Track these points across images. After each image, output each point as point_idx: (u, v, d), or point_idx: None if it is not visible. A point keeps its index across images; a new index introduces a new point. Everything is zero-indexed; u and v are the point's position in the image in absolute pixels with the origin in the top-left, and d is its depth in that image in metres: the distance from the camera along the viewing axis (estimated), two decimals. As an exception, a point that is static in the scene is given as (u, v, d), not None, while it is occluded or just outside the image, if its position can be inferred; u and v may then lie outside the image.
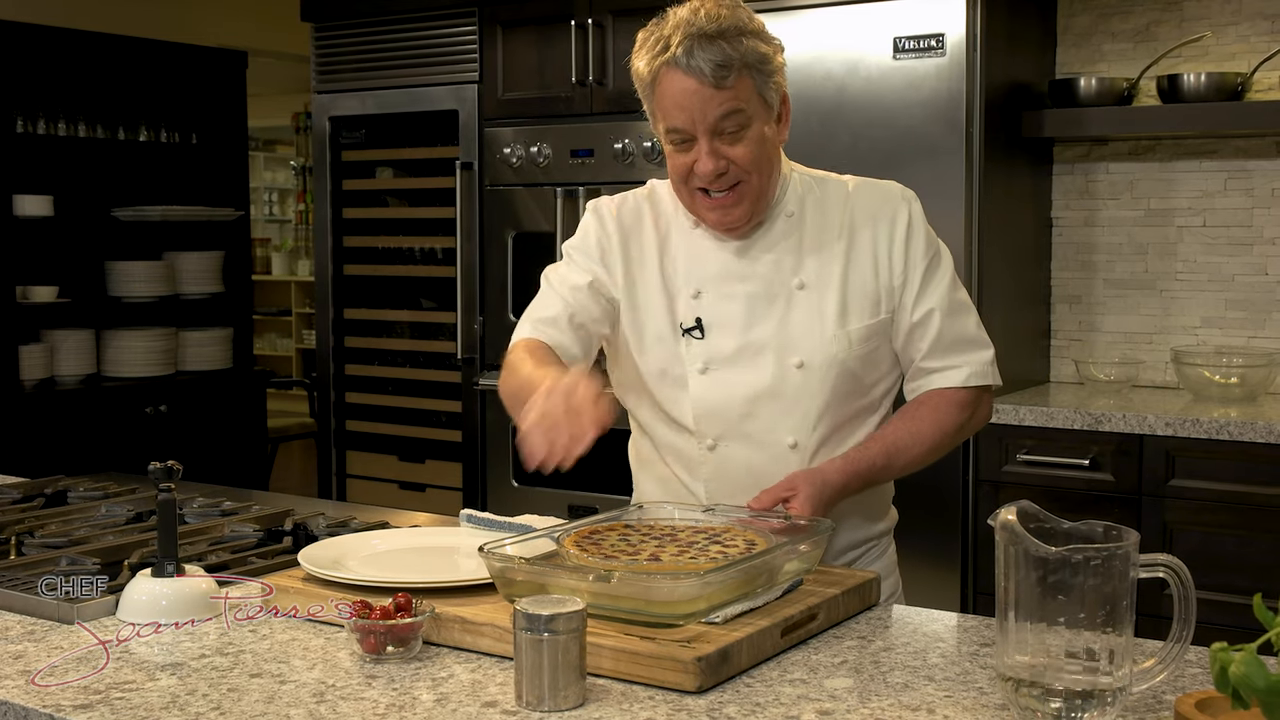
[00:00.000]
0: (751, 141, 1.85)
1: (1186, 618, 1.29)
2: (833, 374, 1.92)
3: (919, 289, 1.94)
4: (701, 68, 1.80)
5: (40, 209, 5.12)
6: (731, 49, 1.81)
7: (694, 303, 1.95)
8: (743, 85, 1.82)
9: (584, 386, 1.58)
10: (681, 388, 1.95)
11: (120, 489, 2.37)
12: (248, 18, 6.45)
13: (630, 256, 1.99)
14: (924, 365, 1.97)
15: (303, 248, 10.09)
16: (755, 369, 1.93)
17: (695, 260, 1.96)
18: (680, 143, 1.87)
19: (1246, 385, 3.49)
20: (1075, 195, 3.91)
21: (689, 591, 1.47)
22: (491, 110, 4.23)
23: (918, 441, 1.94)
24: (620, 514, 1.83)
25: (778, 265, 1.94)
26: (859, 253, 1.94)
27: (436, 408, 4.46)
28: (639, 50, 1.90)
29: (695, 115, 1.83)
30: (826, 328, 1.91)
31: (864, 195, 1.98)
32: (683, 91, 1.82)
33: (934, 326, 1.94)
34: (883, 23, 3.49)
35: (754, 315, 1.93)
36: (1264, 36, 3.62)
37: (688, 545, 1.66)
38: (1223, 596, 2.83)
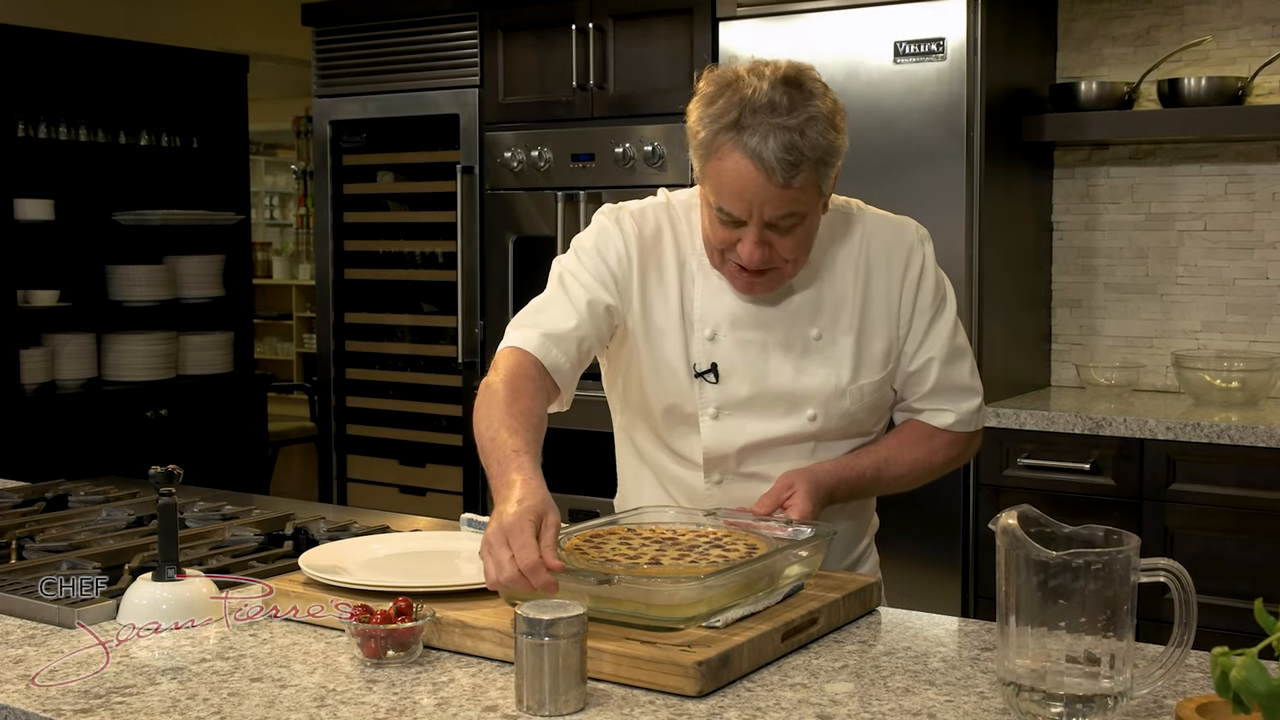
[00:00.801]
0: (801, 234, 1.80)
1: (1187, 622, 1.29)
2: (843, 424, 1.92)
3: (922, 338, 1.94)
4: (772, 164, 1.70)
5: (41, 213, 5.12)
6: (805, 143, 1.71)
7: (709, 345, 1.90)
8: (807, 182, 1.74)
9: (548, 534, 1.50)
10: (691, 427, 1.93)
11: (121, 493, 2.37)
12: (248, 22, 6.45)
13: (648, 284, 1.92)
14: (914, 405, 1.99)
15: (303, 252, 10.09)
16: (768, 419, 1.91)
17: (711, 298, 1.91)
18: (728, 221, 1.79)
19: (1247, 389, 3.49)
20: (1076, 199, 3.91)
21: (689, 595, 1.47)
22: (492, 114, 4.23)
23: (907, 464, 1.97)
24: (620, 518, 1.83)
25: (795, 314, 1.90)
26: (873, 301, 1.92)
27: (437, 412, 4.46)
28: (700, 104, 1.78)
29: (753, 208, 1.74)
30: (840, 382, 1.90)
31: (879, 234, 1.94)
32: (746, 180, 1.73)
33: (932, 376, 1.95)
34: (883, 27, 3.49)
35: (769, 364, 1.90)
36: (1264, 41, 3.62)
37: (688, 549, 1.65)
38: (1224, 601, 2.83)
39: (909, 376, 1.95)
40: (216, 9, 6.28)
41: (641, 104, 3.95)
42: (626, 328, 1.92)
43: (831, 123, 1.75)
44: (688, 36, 3.86)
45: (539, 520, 1.51)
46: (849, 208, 1.96)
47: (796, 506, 1.80)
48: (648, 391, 1.95)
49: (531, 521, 1.50)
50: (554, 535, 1.51)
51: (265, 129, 10.06)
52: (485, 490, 4.28)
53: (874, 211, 1.99)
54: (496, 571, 1.48)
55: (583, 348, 1.87)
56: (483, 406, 1.76)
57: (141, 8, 5.91)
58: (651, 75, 3.95)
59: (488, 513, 1.65)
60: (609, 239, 1.92)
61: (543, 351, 1.84)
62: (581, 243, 1.95)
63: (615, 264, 1.90)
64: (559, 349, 1.84)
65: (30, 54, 5.15)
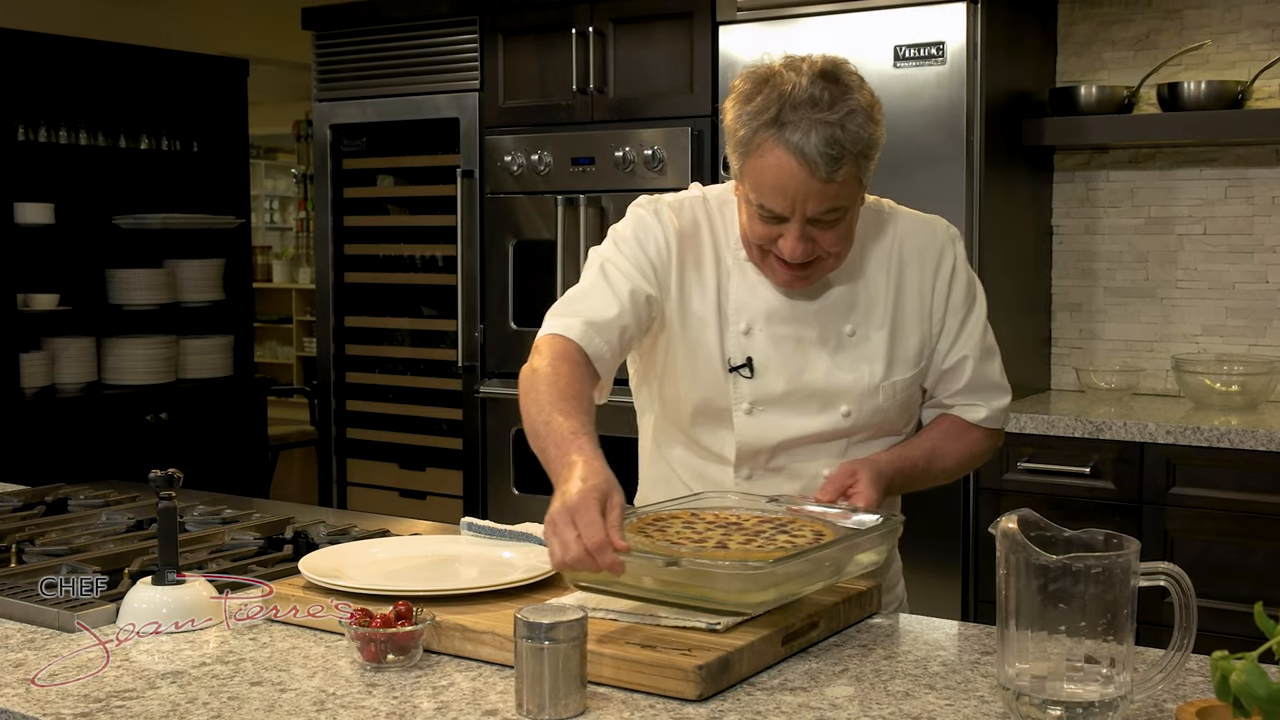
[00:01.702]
0: (843, 228, 1.79)
1: (1187, 626, 1.29)
2: (875, 420, 1.92)
3: (955, 336, 1.94)
4: (815, 158, 1.69)
5: (41, 217, 5.12)
6: (846, 136, 1.70)
7: (744, 339, 1.89)
8: (849, 176, 1.73)
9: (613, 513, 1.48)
10: (723, 422, 1.91)
11: (121, 497, 2.37)
12: (249, 26, 6.45)
13: (686, 276, 1.90)
14: (946, 401, 1.99)
15: (304, 255, 10.09)
16: (802, 414, 1.90)
17: (747, 292, 1.90)
18: (769, 218, 1.77)
19: (1247, 393, 3.49)
20: (1076, 203, 3.92)
21: (761, 580, 1.45)
22: (492, 118, 4.23)
23: (954, 456, 1.97)
24: (681, 502, 1.81)
25: (829, 308, 1.90)
26: (906, 298, 1.92)
27: (437, 415, 4.46)
28: (738, 101, 1.77)
29: (796, 204, 1.73)
30: (874, 379, 1.90)
31: (911, 233, 1.94)
32: (788, 176, 1.71)
33: (966, 374, 1.95)
34: (883, 31, 3.50)
35: (804, 359, 1.89)
36: (1264, 45, 3.62)
37: (754, 534, 1.62)
38: (1224, 605, 2.83)
39: (943, 374, 1.95)
40: (217, 13, 6.28)
41: (641, 108, 3.96)
42: (664, 320, 1.90)
43: (870, 115, 1.74)
44: (688, 40, 3.86)
45: (604, 499, 1.49)
46: (880, 206, 1.96)
47: (861, 494, 1.78)
48: (680, 386, 1.93)
49: (597, 500, 1.48)
50: (620, 515, 1.49)
51: (265, 133, 10.06)
52: (485, 494, 4.28)
53: (904, 210, 1.99)
54: (562, 551, 1.46)
55: (624, 337, 1.85)
56: (530, 392, 1.75)
57: (142, 11, 5.91)
58: (651, 79, 3.95)
59: (488, 516, 1.64)
60: (648, 230, 1.91)
61: (585, 339, 1.81)
62: (620, 233, 1.93)
63: (655, 255, 1.89)
64: (601, 337, 1.82)
65: (30, 58, 5.16)
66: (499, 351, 4.24)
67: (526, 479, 4.18)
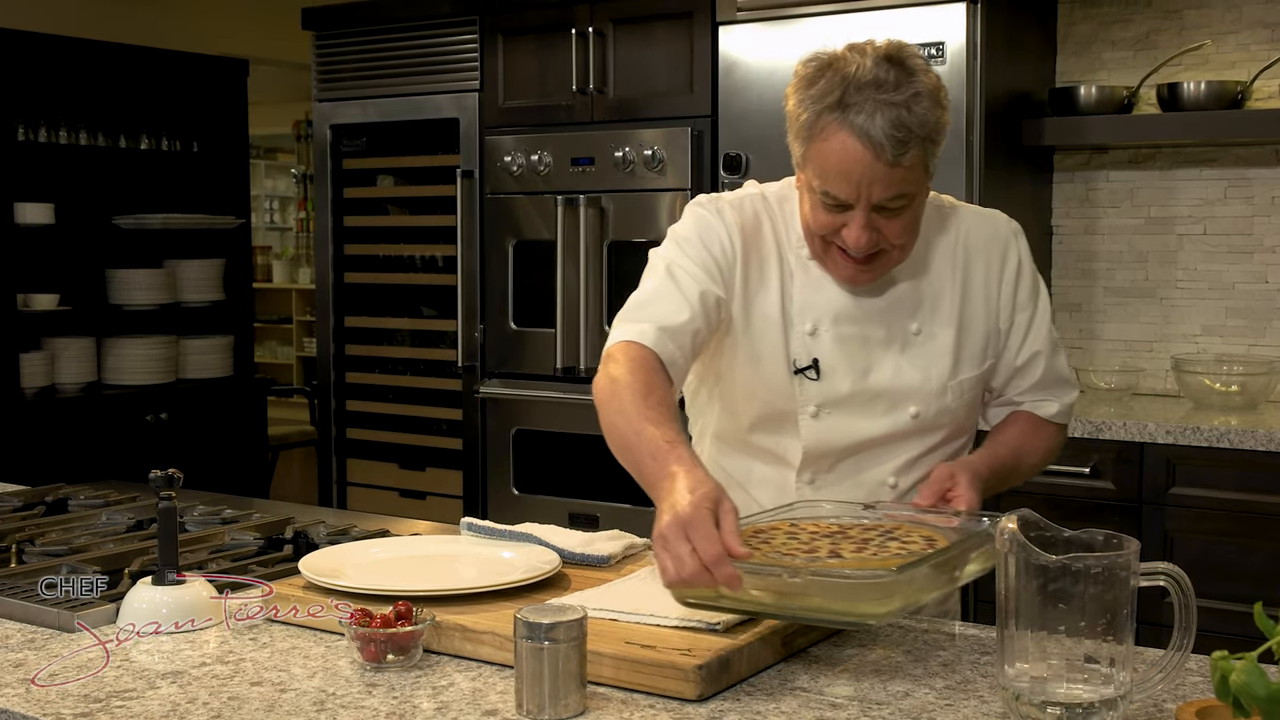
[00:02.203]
0: (909, 217, 1.75)
1: (1187, 626, 1.29)
2: (943, 421, 1.89)
3: (1025, 331, 1.91)
4: (881, 140, 1.64)
5: (41, 217, 5.12)
6: (913, 119, 1.65)
7: (809, 340, 1.84)
8: (915, 161, 1.68)
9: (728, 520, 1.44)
10: (786, 425, 1.87)
11: (121, 497, 2.37)
12: (249, 26, 6.45)
13: (750, 276, 1.85)
14: (1016, 398, 1.96)
15: (303, 255, 10.09)
16: (869, 416, 1.86)
17: (811, 292, 1.85)
18: (833, 205, 1.73)
19: (1247, 393, 3.49)
20: (1075, 203, 3.92)
21: (887, 589, 1.40)
22: (492, 118, 4.23)
23: (1038, 454, 1.95)
24: (778, 513, 1.74)
25: (895, 306, 1.86)
26: (972, 295, 1.88)
27: (437, 415, 4.46)
28: (800, 86, 1.72)
29: (861, 189, 1.69)
30: (941, 378, 1.86)
31: (976, 228, 1.91)
32: (853, 160, 1.67)
33: (1039, 369, 1.92)
34: (883, 31, 3.45)
35: (870, 359, 1.85)
36: (1264, 45, 3.63)
37: (862, 542, 1.56)
38: (1223, 605, 2.83)
39: (1015, 371, 1.92)
40: (217, 13, 6.28)
41: (641, 108, 3.96)
42: (730, 319, 1.85)
43: (937, 99, 1.70)
44: (688, 41, 3.86)
45: (715, 508, 1.44)
46: (940, 201, 1.92)
47: (962, 497, 1.73)
48: (742, 389, 1.88)
49: (709, 511, 1.43)
50: (735, 520, 1.44)
51: (265, 133, 10.06)
52: (485, 494, 4.28)
53: (965, 205, 1.95)
54: (676, 567, 1.41)
55: (696, 341, 1.80)
56: (613, 402, 1.69)
57: (141, 12, 5.91)
58: (651, 79, 3.95)
59: (488, 516, 1.63)
60: (711, 229, 1.85)
61: (660, 345, 1.75)
62: (682, 233, 1.88)
63: (720, 255, 1.83)
64: (674, 343, 1.76)
65: (30, 58, 5.16)
66: (499, 352, 4.24)
67: (526, 479, 4.18)
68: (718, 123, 3.80)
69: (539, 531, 1.93)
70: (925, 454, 1.90)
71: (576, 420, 4.03)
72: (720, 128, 3.79)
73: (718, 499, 1.45)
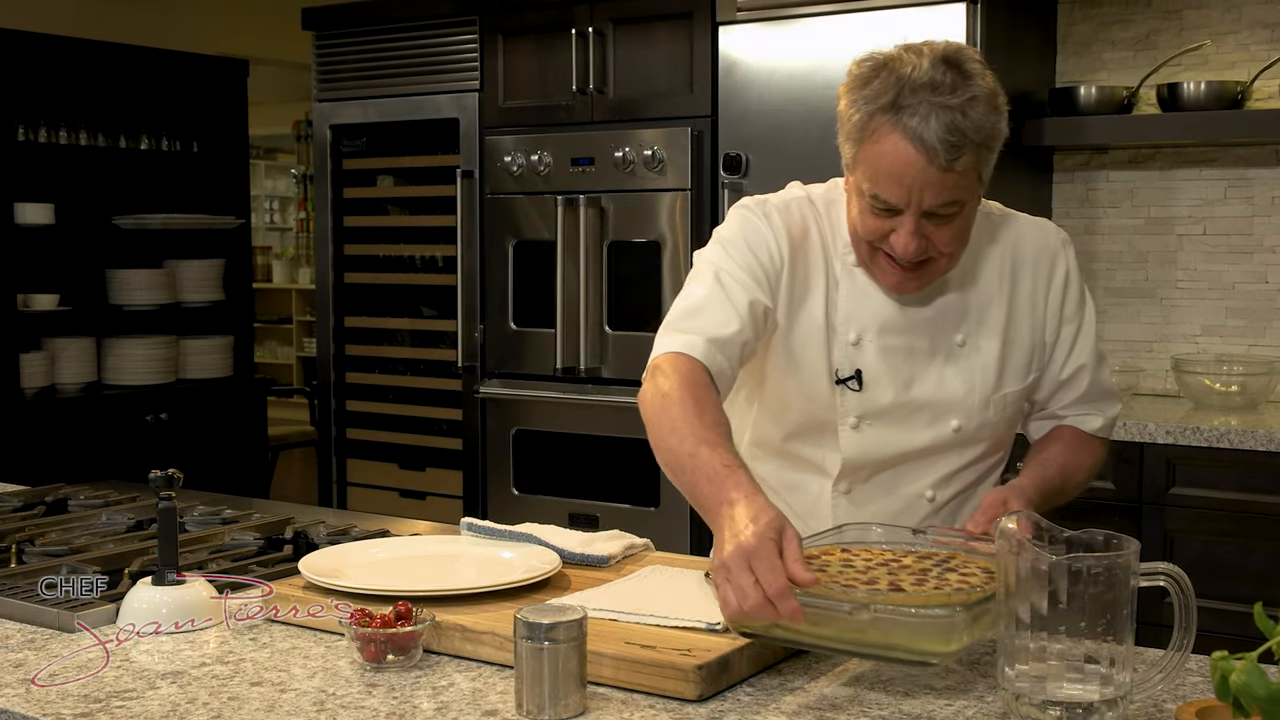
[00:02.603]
0: (959, 224, 1.70)
1: (1187, 626, 1.29)
2: (984, 435, 1.86)
3: (1071, 344, 1.87)
4: (934, 145, 1.60)
5: (41, 217, 5.12)
6: (968, 123, 1.61)
7: (853, 350, 1.80)
8: (969, 167, 1.64)
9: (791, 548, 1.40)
10: (825, 435, 1.84)
11: (121, 497, 2.37)
12: (249, 26, 6.45)
13: (796, 284, 1.81)
14: (1060, 412, 1.93)
15: (303, 256, 10.09)
16: (910, 428, 1.83)
17: (856, 300, 1.81)
18: (882, 210, 1.68)
19: (1247, 393, 3.49)
20: (1075, 203, 3.92)
21: (958, 627, 1.35)
22: (492, 118, 4.23)
23: (1084, 471, 1.90)
24: (825, 537, 1.68)
25: (941, 317, 1.82)
26: (1019, 306, 1.84)
27: (437, 416, 4.46)
28: (853, 86, 1.68)
29: (912, 194, 1.64)
30: (984, 391, 1.83)
31: (1025, 238, 1.87)
32: (905, 164, 1.62)
33: (1084, 383, 1.89)
34: (884, 31, 3.49)
35: (914, 371, 1.81)
36: (1263, 45, 3.63)
37: (921, 573, 1.52)
38: (1223, 605, 2.83)
39: (1060, 384, 1.89)
40: (216, 13, 6.28)
41: (641, 108, 3.96)
42: (775, 326, 1.81)
43: (994, 104, 1.66)
44: (687, 41, 3.86)
45: (779, 537, 1.40)
46: (989, 208, 1.87)
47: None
48: (781, 396, 1.85)
49: (773, 540, 1.39)
50: (799, 547, 1.40)
51: (265, 133, 10.06)
52: (485, 494, 4.28)
53: (1015, 213, 1.91)
54: (739, 599, 1.36)
55: (744, 352, 1.76)
56: (664, 418, 1.64)
57: (141, 12, 5.91)
58: (651, 79, 3.95)
59: (487, 516, 1.63)
60: (759, 234, 1.81)
61: (709, 358, 1.71)
62: (728, 237, 1.83)
63: (768, 261, 1.79)
64: (723, 355, 1.72)
65: (30, 58, 5.16)
66: (499, 352, 4.24)
67: (526, 479, 4.18)
68: (718, 123, 3.80)
69: (539, 532, 1.93)
70: (964, 467, 1.88)
71: (576, 420, 4.03)
72: (720, 128, 3.79)
73: (781, 527, 1.41)
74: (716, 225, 1.84)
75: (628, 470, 3.92)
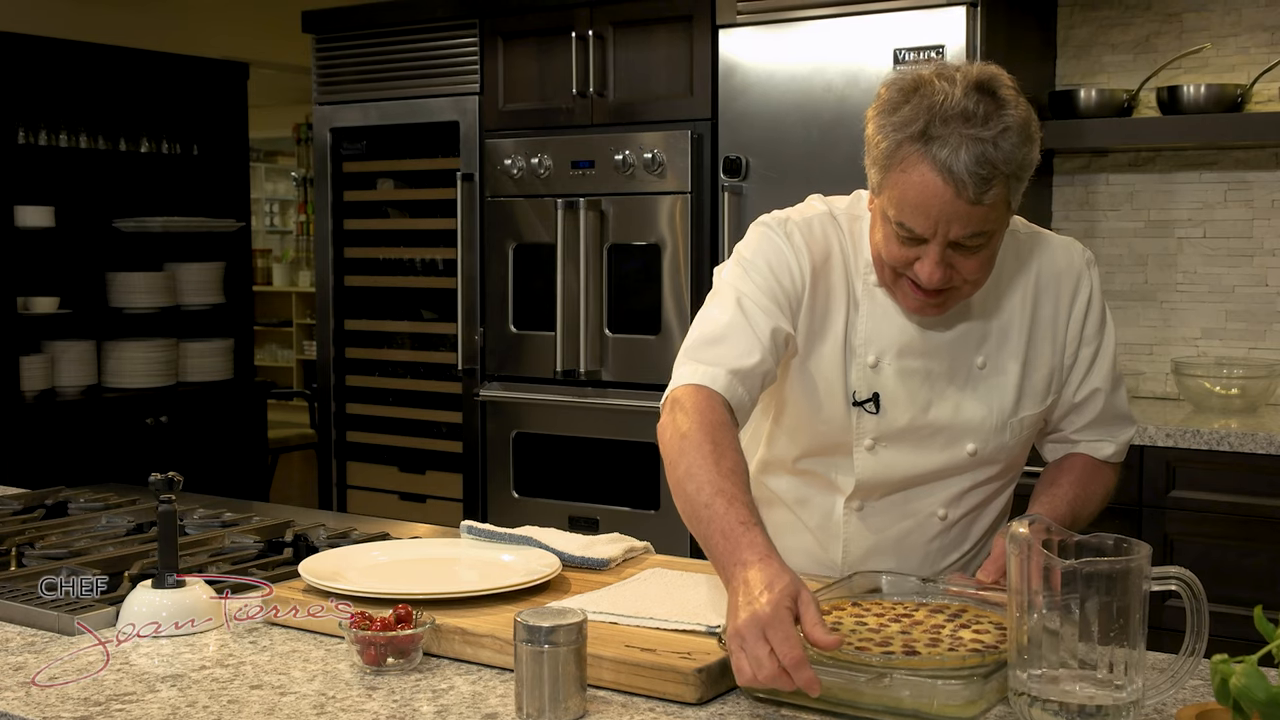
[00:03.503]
0: (986, 255, 1.66)
1: (1199, 630, 1.28)
2: (999, 458, 1.84)
3: (1088, 367, 1.85)
4: (964, 178, 1.56)
5: (41, 220, 5.12)
6: (999, 155, 1.56)
7: (871, 373, 1.78)
8: (998, 199, 1.59)
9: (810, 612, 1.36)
10: (842, 456, 1.82)
11: (121, 500, 2.37)
12: (249, 29, 6.46)
13: (816, 305, 1.78)
14: (1073, 436, 1.91)
15: (303, 259, 10.10)
16: (926, 451, 1.81)
17: (877, 322, 1.78)
18: (907, 239, 1.65)
19: (1247, 396, 3.49)
20: (1075, 206, 3.92)
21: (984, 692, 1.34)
22: (492, 122, 4.24)
23: (1095, 502, 1.88)
24: (834, 589, 1.64)
25: (961, 340, 1.79)
26: (1040, 329, 1.81)
27: (437, 419, 4.46)
28: (882, 111, 1.64)
29: (939, 226, 1.60)
30: (1003, 415, 1.81)
31: (1050, 259, 1.83)
32: (932, 195, 1.58)
33: (1097, 406, 1.87)
34: (883, 34, 3.50)
35: (932, 394, 1.79)
36: (1263, 48, 3.63)
37: (934, 630, 1.50)
38: (1223, 608, 2.81)
39: (1073, 407, 1.87)
40: (217, 16, 6.28)
41: (641, 111, 3.96)
42: (795, 350, 1.79)
43: (1027, 134, 1.60)
44: (687, 44, 3.87)
45: (794, 604, 1.36)
46: (1015, 226, 1.81)
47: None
48: (797, 416, 1.83)
49: (788, 609, 1.35)
50: (816, 611, 1.36)
51: (265, 136, 10.08)
52: (485, 497, 4.28)
53: (1039, 231, 1.87)
54: (754, 668, 1.33)
55: (765, 382, 1.74)
56: (682, 462, 1.60)
57: (142, 15, 5.92)
58: (651, 82, 3.95)
59: (488, 519, 1.62)
60: (781, 256, 1.77)
61: (729, 391, 1.68)
62: (749, 258, 1.79)
63: (790, 284, 1.76)
64: (744, 387, 1.69)
65: (31, 61, 5.16)
66: (499, 354, 4.24)
67: (526, 482, 4.18)
68: (718, 126, 3.80)
69: (539, 535, 1.93)
70: (976, 487, 1.87)
71: (576, 423, 4.03)
72: (720, 131, 3.79)
73: (795, 592, 1.38)
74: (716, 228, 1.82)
75: (628, 473, 3.92)
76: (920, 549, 1.87)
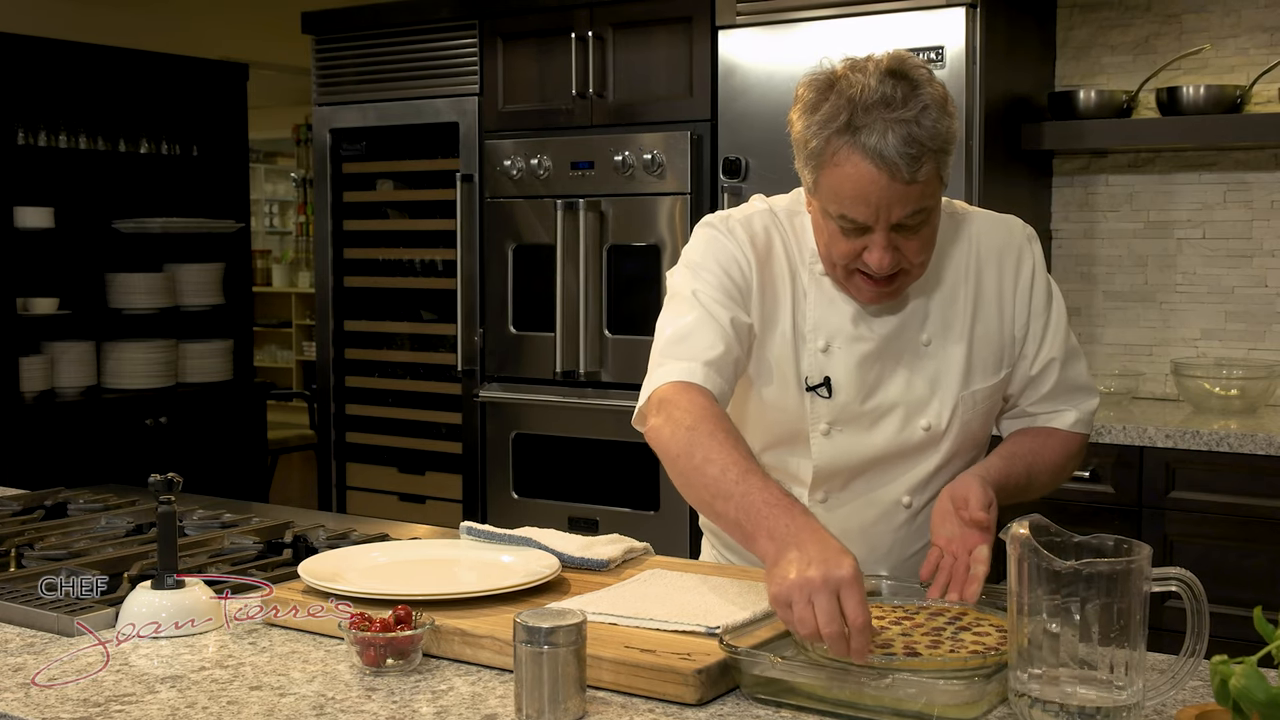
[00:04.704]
0: (927, 232, 1.72)
1: (1199, 631, 1.28)
2: (955, 434, 1.86)
3: (1040, 339, 1.88)
4: (895, 161, 1.61)
5: (41, 221, 5.12)
6: (923, 132, 1.62)
7: (822, 357, 1.82)
8: (930, 174, 1.65)
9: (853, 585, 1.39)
10: (800, 444, 1.85)
11: (120, 501, 2.37)
12: (249, 30, 6.46)
13: (765, 295, 1.82)
14: (1031, 410, 1.93)
15: (303, 259, 10.10)
16: (880, 431, 1.84)
17: (824, 308, 1.83)
18: (851, 230, 1.70)
19: (1246, 397, 3.49)
20: (1075, 207, 3.92)
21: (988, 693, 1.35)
22: (492, 122, 4.24)
23: (1052, 468, 1.89)
24: None
25: (907, 319, 1.83)
26: (985, 302, 1.85)
27: (436, 420, 4.46)
28: (803, 110, 1.69)
29: (880, 211, 1.65)
30: (953, 389, 1.84)
31: (988, 234, 1.88)
32: (869, 182, 1.63)
33: (1053, 377, 1.89)
34: (882, 35, 3.50)
35: (882, 374, 1.83)
36: (1263, 49, 3.63)
37: (933, 631, 1.51)
38: (1223, 609, 2.81)
39: (1030, 380, 1.89)
40: (217, 17, 6.29)
41: (641, 112, 3.96)
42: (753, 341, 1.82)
43: (944, 108, 1.66)
44: (687, 45, 3.87)
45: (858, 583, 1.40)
46: (952, 207, 1.88)
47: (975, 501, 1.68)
48: (754, 407, 1.86)
49: (861, 581, 1.40)
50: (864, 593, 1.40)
51: (265, 137, 10.07)
52: (484, 498, 4.28)
53: (977, 210, 1.92)
54: (826, 621, 1.36)
55: (737, 370, 1.78)
56: (697, 450, 1.62)
57: (142, 16, 5.92)
58: (651, 83, 3.95)
59: (487, 520, 1.62)
60: (725, 251, 1.82)
61: (710, 382, 1.72)
62: (696, 259, 1.84)
63: (739, 277, 1.81)
64: (721, 376, 1.74)
65: (30, 62, 5.16)
66: (498, 355, 4.24)
67: (526, 483, 4.18)
68: (717, 127, 3.80)
69: (538, 535, 1.93)
70: (939, 470, 1.88)
71: (576, 424, 4.03)
72: (720, 132, 3.79)
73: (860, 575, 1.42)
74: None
75: (627, 474, 3.92)
76: (888, 537, 1.89)
